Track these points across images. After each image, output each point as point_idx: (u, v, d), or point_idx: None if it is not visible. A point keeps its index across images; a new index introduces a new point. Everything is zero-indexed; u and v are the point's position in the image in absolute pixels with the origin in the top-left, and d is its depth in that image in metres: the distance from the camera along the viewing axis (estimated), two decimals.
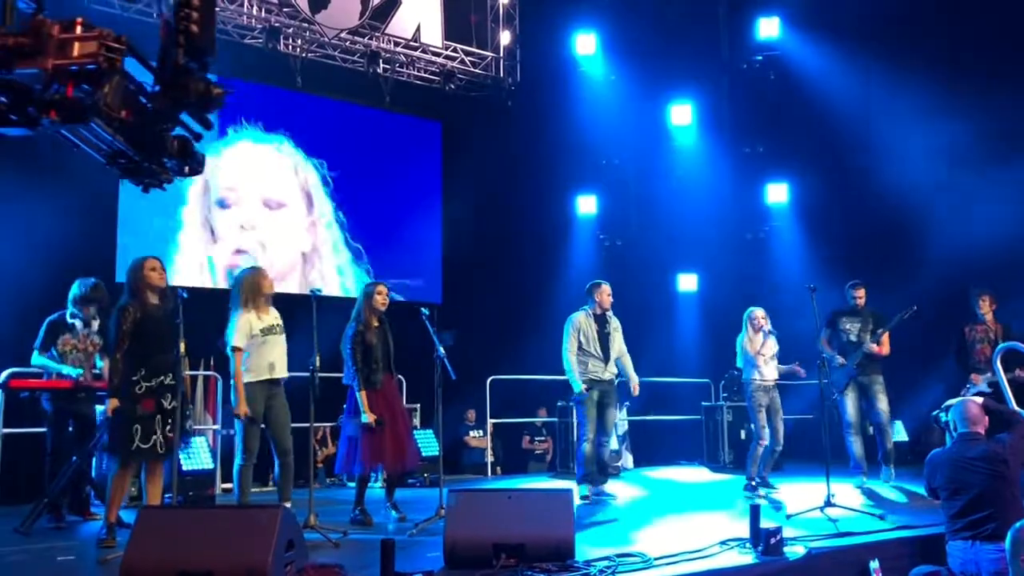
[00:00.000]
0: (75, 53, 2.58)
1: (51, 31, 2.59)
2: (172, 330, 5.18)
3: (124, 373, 5.08)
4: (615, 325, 7.36)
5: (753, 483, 7.37)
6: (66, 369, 6.04)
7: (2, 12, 2.72)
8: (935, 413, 5.23)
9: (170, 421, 5.11)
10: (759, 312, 7.60)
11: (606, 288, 7.34)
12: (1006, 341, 7.46)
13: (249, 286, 5.73)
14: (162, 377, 5.16)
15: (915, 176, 10.21)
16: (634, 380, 7.35)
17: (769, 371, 7.50)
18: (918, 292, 8.69)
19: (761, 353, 7.48)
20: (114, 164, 2.98)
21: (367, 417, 5.96)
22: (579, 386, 7.07)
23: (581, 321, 7.22)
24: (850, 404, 7.69)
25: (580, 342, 7.17)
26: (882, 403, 7.76)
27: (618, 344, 7.31)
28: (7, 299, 7.30)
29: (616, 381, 7.31)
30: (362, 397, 6.02)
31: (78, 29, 2.61)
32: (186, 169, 3.02)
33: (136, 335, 5.13)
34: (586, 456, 7.07)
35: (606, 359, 7.18)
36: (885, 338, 7.64)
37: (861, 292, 7.90)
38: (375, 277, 10.61)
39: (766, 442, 7.42)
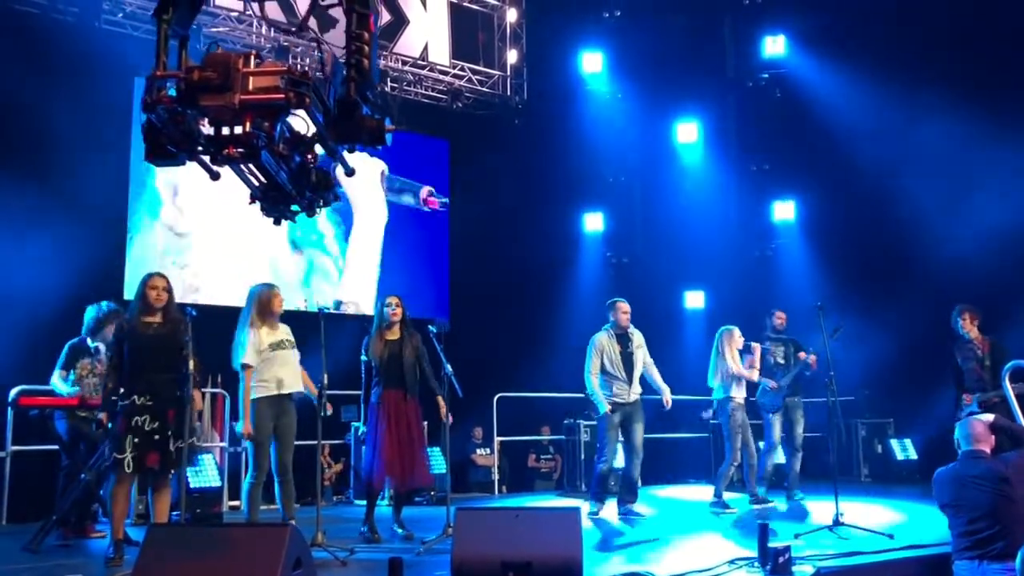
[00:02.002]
0: (259, 87, 2.53)
1: (236, 64, 2.53)
2: (166, 351, 5.18)
3: (109, 389, 5.13)
4: (638, 342, 7.18)
5: (722, 499, 7.46)
6: (65, 391, 6.08)
7: (157, 49, 2.68)
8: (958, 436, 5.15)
9: (135, 441, 5.03)
10: (737, 332, 7.68)
11: (621, 305, 7.18)
12: (993, 356, 7.46)
13: (259, 302, 5.75)
14: (135, 397, 5.09)
15: (922, 192, 10.22)
16: (665, 392, 7.19)
17: (744, 390, 7.63)
18: (925, 308, 8.68)
19: (755, 368, 7.58)
20: (264, 198, 2.94)
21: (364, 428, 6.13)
22: (603, 407, 6.96)
23: (603, 342, 7.08)
24: (778, 425, 7.83)
25: (604, 364, 7.04)
26: (801, 425, 7.92)
27: (642, 359, 7.16)
28: (17, 319, 7.34)
29: (641, 399, 7.15)
30: (364, 410, 6.13)
31: (253, 62, 2.57)
32: (321, 202, 2.99)
33: (122, 352, 5.16)
34: (600, 476, 7.02)
35: (630, 380, 7.05)
36: (814, 358, 7.75)
37: (782, 316, 8.01)
38: (381, 295, 10.65)
39: (738, 462, 7.57)
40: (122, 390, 5.11)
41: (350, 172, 3.00)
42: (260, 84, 2.56)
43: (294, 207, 3.02)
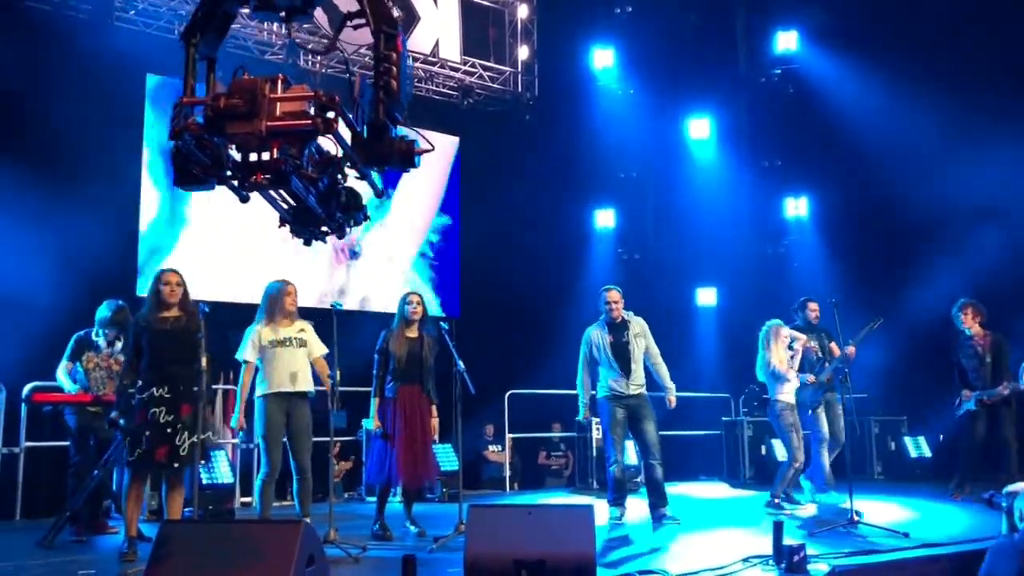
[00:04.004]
0: (286, 113, 2.51)
1: (263, 90, 2.51)
2: (182, 345, 5.21)
3: (124, 384, 5.18)
4: (637, 330, 6.80)
5: (777, 500, 7.22)
6: (68, 386, 6.12)
7: (184, 73, 2.64)
8: (990, 495, 4.98)
9: (147, 434, 5.06)
10: (785, 329, 7.42)
11: (608, 296, 6.84)
12: (994, 352, 7.38)
13: (270, 299, 5.81)
14: (153, 388, 5.12)
15: (934, 188, 10.15)
16: (670, 390, 6.79)
17: (793, 388, 7.34)
18: (939, 304, 8.61)
19: (792, 368, 7.31)
20: (293, 221, 2.92)
21: (371, 423, 6.10)
22: (582, 411, 6.87)
23: (593, 334, 6.86)
24: (823, 420, 7.53)
25: (594, 356, 6.80)
26: (842, 420, 7.57)
27: (642, 349, 6.76)
28: (31, 316, 7.37)
29: (645, 394, 6.77)
30: (374, 404, 6.09)
31: (280, 87, 2.54)
32: (352, 222, 2.97)
33: (141, 348, 5.19)
34: (615, 480, 6.68)
35: (627, 372, 6.67)
36: (852, 350, 7.45)
37: (815, 307, 7.81)
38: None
39: (799, 464, 7.18)
40: (140, 383, 5.13)
41: (380, 193, 2.99)
42: (287, 109, 2.53)
43: (324, 227, 3.00)
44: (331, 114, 2.55)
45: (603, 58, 12.39)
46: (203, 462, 5.48)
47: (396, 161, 2.79)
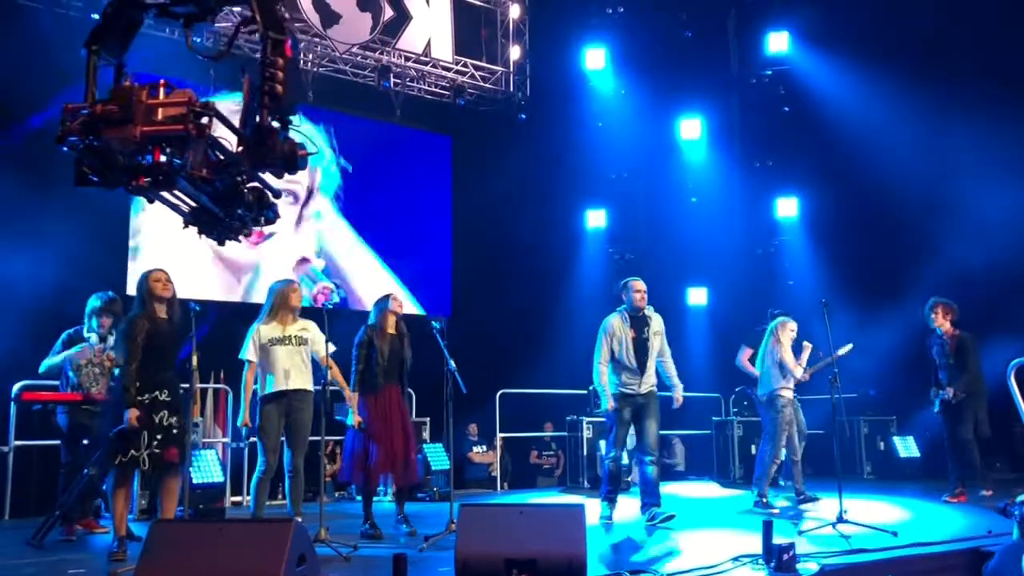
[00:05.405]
0: (163, 118, 2.57)
1: (139, 96, 2.57)
2: (174, 345, 5.25)
3: (126, 384, 5.10)
4: (656, 328, 6.63)
5: (764, 500, 7.25)
6: (51, 361, 6.11)
7: (86, 79, 2.70)
8: (1003, 504, 5.01)
9: (158, 437, 5.07)
10: (792, 324, 7.35)
11: (635, 284, 6.65)
12: (957, 351, 7.49)
13: (276, 298, 5.83)
14: (156, 392, 5.13)
15: (924, 190, 10.20)
16: (677, 390, 6.67)
17: (792, 383, 7.33)
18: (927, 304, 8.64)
19: (800, 365, 7.26)
20: (196, 223, 2.96)
21: (352, 419, 6.00)
22: (606, 402, 6.51)
23: (615, 325, 6.55)
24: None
25: (613, 350, 6.52)
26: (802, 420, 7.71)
27: (658, 347, 6.62)
28: (20, 314, 7.34)
29: (655, 392, 6.63)
30: (352, 398, 6.03)
31: (162, 92, 2.59)
32: (261, 220, 3.01)
33: (143, 348, 5.16)
34: (610, 475, 6.62)
35: (642, 370, 6.48)
36: (811, 372, 7.48)
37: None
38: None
39: (781, 460, 7.21)
40: (138, 384, 5.11)
41: (277, 195, 3.02)
42: (168, 114, 2.60)
43: (235, 227, 3.04)
44: (205, 119, 2.59)
45: (595, 58, 12.41)
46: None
47: (280, 163, 2.82)
